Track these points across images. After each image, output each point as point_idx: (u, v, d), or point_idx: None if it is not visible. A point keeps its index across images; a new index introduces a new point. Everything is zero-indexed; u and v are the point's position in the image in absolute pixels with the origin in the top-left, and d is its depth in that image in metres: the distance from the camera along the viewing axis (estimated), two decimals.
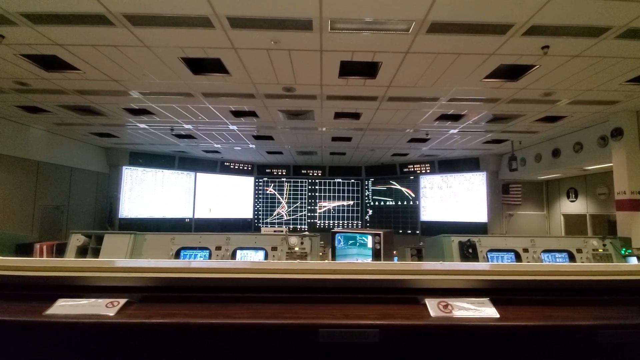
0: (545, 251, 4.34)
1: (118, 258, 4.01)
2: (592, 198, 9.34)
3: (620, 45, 3.80)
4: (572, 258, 4.31)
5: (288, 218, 13.68)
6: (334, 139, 9.14)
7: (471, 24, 3.45)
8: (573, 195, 9.98)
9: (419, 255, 6.13)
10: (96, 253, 4.13)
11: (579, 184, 9.79)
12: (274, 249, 4.24)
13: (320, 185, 13.83)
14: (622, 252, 4.32)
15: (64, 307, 0.97)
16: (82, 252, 4.20)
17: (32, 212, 7.96)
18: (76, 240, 4.20)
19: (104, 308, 0.97)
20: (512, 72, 4.65)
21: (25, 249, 4.75)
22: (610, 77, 4.71)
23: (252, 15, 3.35)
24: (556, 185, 10.73)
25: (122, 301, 0.99)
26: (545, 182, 11.19)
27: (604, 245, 4.39)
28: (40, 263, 1.20)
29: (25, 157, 7.77)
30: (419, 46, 3.93)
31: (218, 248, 4.20)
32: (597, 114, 6.41)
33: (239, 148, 10.50)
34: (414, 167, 12.60)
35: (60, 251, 4.54)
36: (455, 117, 6.91)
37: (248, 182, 13.65)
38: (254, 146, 10.17)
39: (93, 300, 1.01)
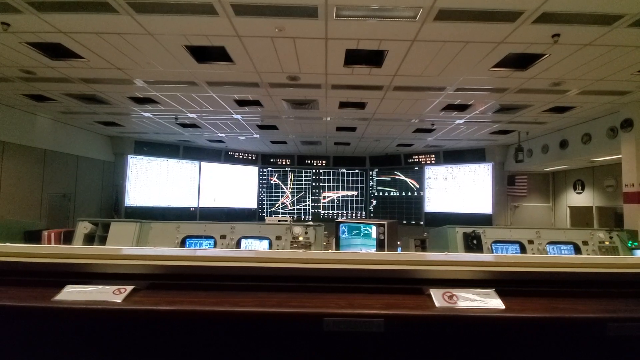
0: (550, 243, 4.32)
1: (124, 246, 4.07)
2: (599, 190, 9.24)
3: (632, 34, 3.70)
4: (578, 250, 4.29)
5: (292, 208, 13.72)
6: (339, 128, 9.08)
7: (480, 11, 3.37)
8: (580, 187, 9.89)
9: (422, 246, 6.14)
10: (103, 241, 4.18)
11: (586, 176, 9.68)
12: (278, 238, 4.26)
13: (324, 175, 13.82)
14: (629, 244, 4.29)
15: (72, 293, 0.99)
16: (89, 239, 4.25)
17: (40, 199, 8.06)
18: (83, 227, 4.26)
19: (111, 295, 0.98)
20: (521, 61, 4.56)
21: (33, 236, 4.83)
22: (621, 66, 4.60)
23: (257, 2, 3.29)
24: (563, 176, 10.62)
25: (129, 288, 1.01)
26: (552, 174, 11.08)
27: (611, 237, 4.36)
28: (48, 250, 1.22)
29: (32, 145, 7.82)
30: (426, 34, 3.85)
31: (223, 237, 4.24)
32: (607, 104, 6.29)
33: (243, 137, 10.48)
34: (418, 158, 12.51)
35: (67, 238, 4.61)
36: (462, 107, 6.82)
37: (252, 171, 13.67)
38: (258, 136, 10.16)
39: (100, 287, 1.02)
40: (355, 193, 13.75)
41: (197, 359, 0.99)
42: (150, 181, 11.11)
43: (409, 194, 12.80)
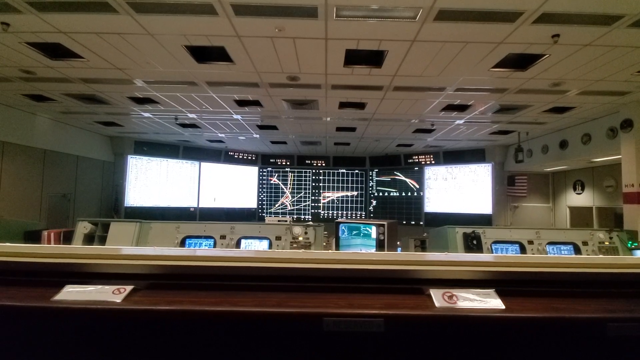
0: (550, 243, 4.32)
1: (124, 246, 4.06)
2: (599, 190, 9.24)
3: (632, 34, 3.70)
4: (577, 251, 4.29)
5: (292, 208, 13.71)
6: (339, 129, 9.08)
7: (480, 11, 3.37)
8: (579, 188, 9.89)
9: (422, 246, 6.14)
10: (103, 241, 4.18)
11: (585, 176, 9.68)
12: (278, 238, 4.26)
13: (324, 175, 13.81)
14: (629, 245, 4.29)
15: (72, 293, 0.99)
16: (89, 239, 4.25)
17: (40, 200, 8.05)
18: (83, 227, 4.26)
19: (111, 294, 0.98)
20: (520, 62, 4.56)
21: (33, 236, 4.82)
22: (621, 67, 4.60)
23: (257, 2, 3.30)
24: (562, 177, 10.62)
25: (129, 288, 1.00)
26: (552, 174, 11.08)
27: (611, 238, 4.36)
28: (48, 250, 1.22)
29: (32, 145, 7.82)
30: (426, 34, 3.85)
31: (223, 237, 4.23)
32: (606, 104, 6.29)
33: (243, 138, 10.48)
34: (418, 158, 12.51)
35: (67, 238, 4.61)
36: (462, 108, 6.82)
37: (252, 171, 13.66)
38: (258, 136, 10.15)
39: (100, 286, 1.02)
40: (355, 193, 13.74)
41: (197, 359, 0.99)
42: (150, 181, 11.10)
43: (409, 194, 12.80)
